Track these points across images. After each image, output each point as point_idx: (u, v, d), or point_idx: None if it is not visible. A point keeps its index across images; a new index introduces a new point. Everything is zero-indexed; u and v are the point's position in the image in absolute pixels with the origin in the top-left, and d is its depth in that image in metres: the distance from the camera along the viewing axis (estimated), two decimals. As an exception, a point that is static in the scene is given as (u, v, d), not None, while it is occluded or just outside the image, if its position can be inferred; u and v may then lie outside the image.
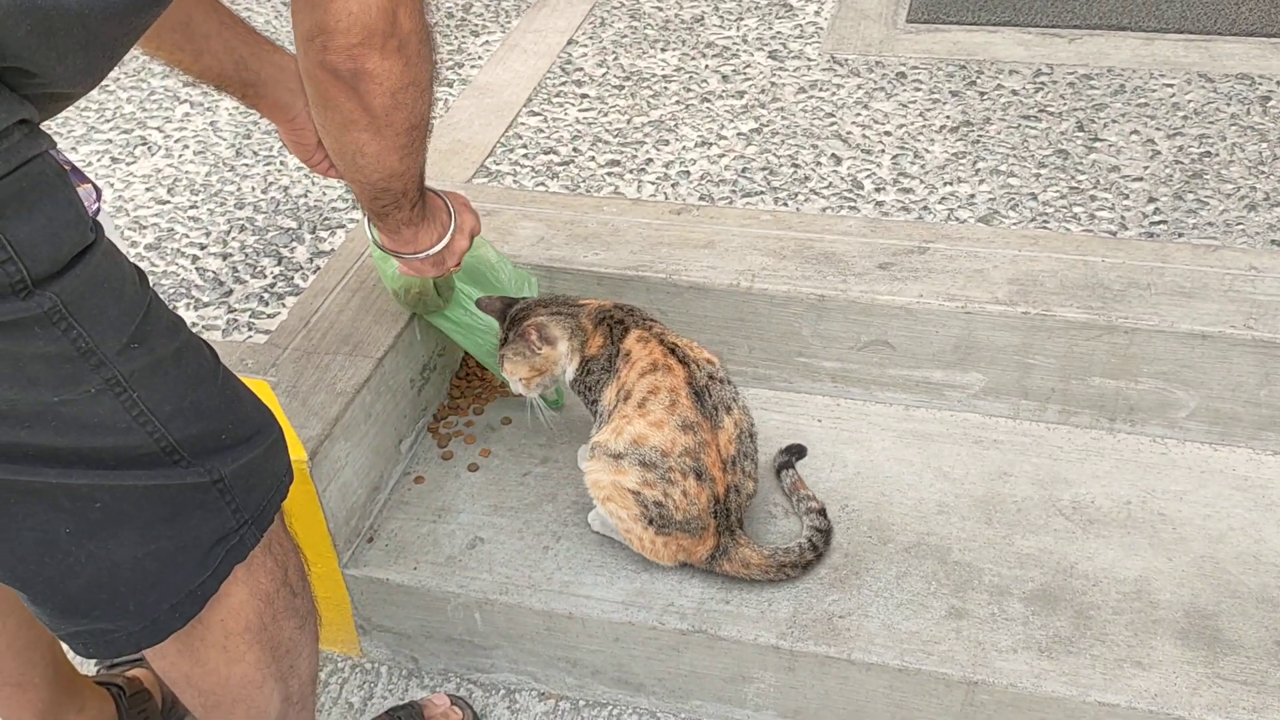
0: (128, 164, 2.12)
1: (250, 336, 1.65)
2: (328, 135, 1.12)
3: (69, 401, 0.90)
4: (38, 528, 0.94)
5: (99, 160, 2.13)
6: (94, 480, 0.94)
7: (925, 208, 1.82)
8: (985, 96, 2.11)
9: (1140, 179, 1.85)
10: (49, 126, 0.96)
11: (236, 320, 1.69)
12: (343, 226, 1.88)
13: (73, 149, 2.17)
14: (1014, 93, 2.12)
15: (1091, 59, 2.20)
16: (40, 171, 0.85)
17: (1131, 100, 2.06)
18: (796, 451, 1.63)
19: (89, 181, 1.02)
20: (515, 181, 1.97)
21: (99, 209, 1.00)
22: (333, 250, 1.82)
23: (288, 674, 1.18)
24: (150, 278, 1.77)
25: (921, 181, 1.89)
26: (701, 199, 1.89)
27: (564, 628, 1.50)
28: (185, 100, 2.32)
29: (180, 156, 2.13)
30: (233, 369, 1.56)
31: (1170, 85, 2.10)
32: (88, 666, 1.56)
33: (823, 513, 1.52)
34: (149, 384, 0.94)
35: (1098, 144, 1.95)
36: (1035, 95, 2.10)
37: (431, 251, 1.36)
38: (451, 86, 2.29)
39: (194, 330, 1.64)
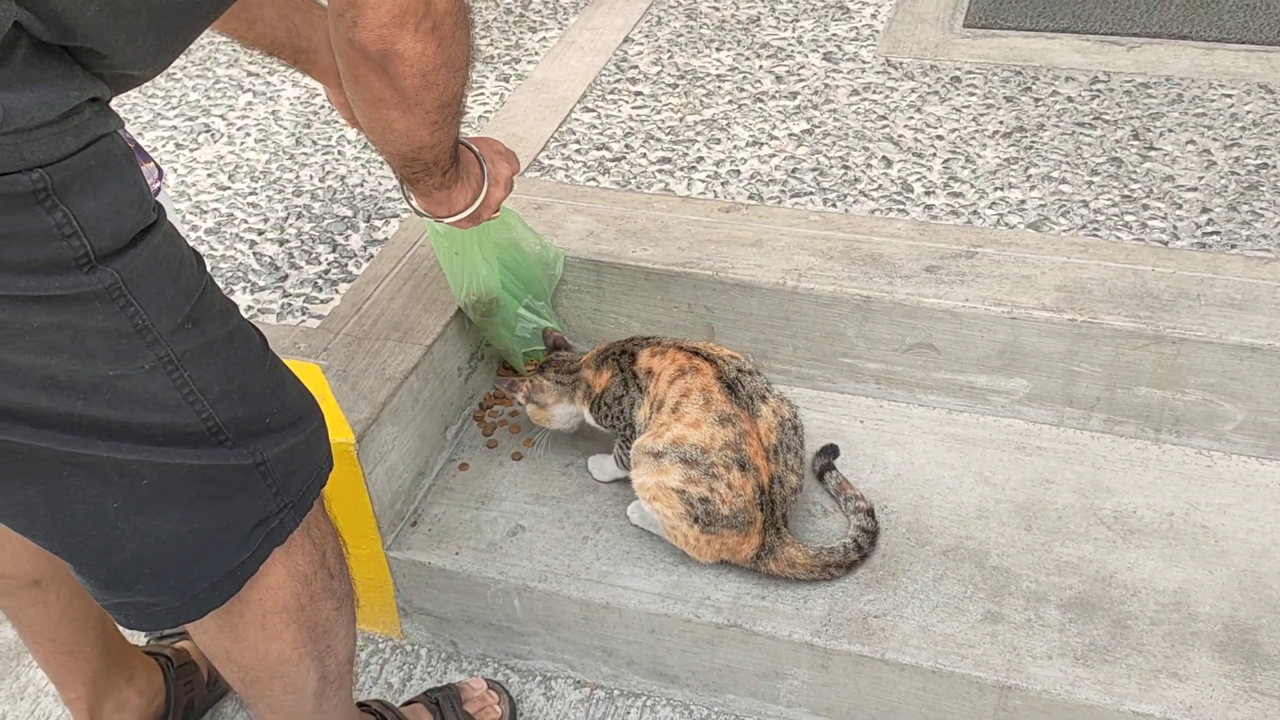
0: (191, 150, 2.17)
1: (304, 321, 1.69)
2: (358, 109, 1.12)
3: (123, 376, 0.92)
4: (88, 501, 0.97)
5: (164, 145, 2.18)
6: (142, 456, 0.97)
7: (975, 212, 1.82)
8: (1040, 103, 2.11)
9: (1195, 189, 1.83)
10: (117, 107, 0.99)
11: (291, 305, 1.72)
12: (396, 216, 1.92)
13: (139, 134, 2.23)
14: (1069, 99, 2.11)
15: (1150, 67, 2.18)
16: (108, 151, 0.88)
17: (1189, 110, 2.04)
18: (832, 452, 1.63)
19: (151, 161, 1.05)
20: (567, 176, 1.99)
21: (159, 188, 1.03)
22: (386, 239, 1.86)
23: (325, 653, 1.20)
24: (209, 261, 1.82)
25: (972, 186, 1.89)
26: (751, 198, 1.90)
27: (601, 617, 1.52)
28: (249, 90, 2.37)
29: (242, 144, 2.18)
30: (285, 353, 1.61)
31: (1229, 95, 2.08)
32: (137, 637, 1.61)
33: (871, 513, 1.52)
34: (200, 364, 0.97)
35: (1152, 153, 1.94)
36: (1091, 102, 2.09)
37: (467, 212, 1.36)
38: (508, 81, 2.32)
39: (248, 314, 1.69)
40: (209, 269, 1.79)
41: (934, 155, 1.98)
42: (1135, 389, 1.62)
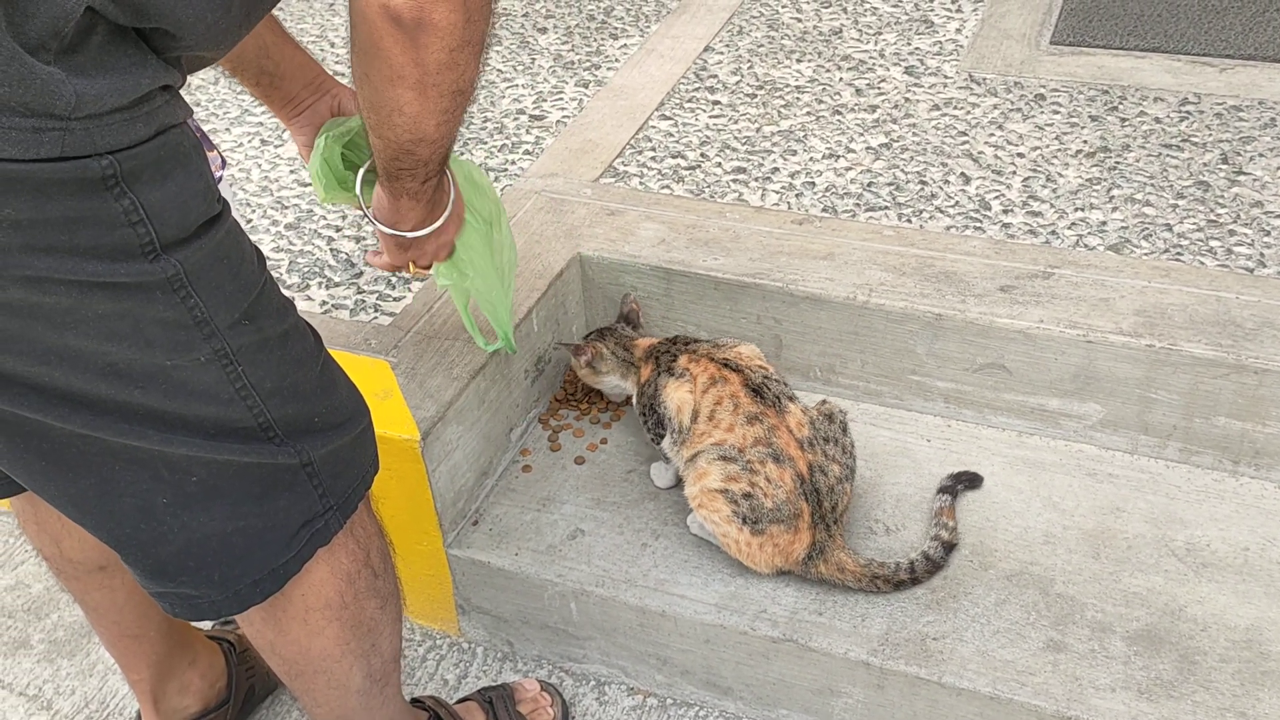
0: (275, 146, 2.21)
1: (375, 318, 1.71)
2: (367, 87, 1.03)
3: (179, 367, 0.94)
4: (138, 495, 0.99)
5: (249, 141, 2.23)
6: (193, 450, 0.98)
7: (1053, 232, 1.79)
8: (1126, 123, 2.06)
9: (1285, 216, 1.78)
10: (202, 100, 1.01)
11: (364, 301, 1.75)
12: (471, 218, 1.94)
13: (226, 129, 2.29)
14: (1157, 120, 2.06)
15: (1242, 90, 2.13)
16: (178, 142, 0.90)
17: (1282, 134, 1.99)
18: (968, 480, 1.61)
19: (215, 149, 1.08)
20: (641, 183, 2.00)
21: (221, 177, 1.05)
22: (460, 240, 1.88)
23: (369, 651, 1.21)
24: (287, 256, 1.86)
25: (1051, 205, 1.85)
26: (824, 211, 1.89)
27: (657, 625, 1.51)
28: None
29: (324, 142, 2.22)
30: (357, 349, 1.64)
31: (1326, 121, 2.02)
32: (202, 622, 1.64)
33: (946, 546, 1.50)
34: (254, 360, 0.98)
35: (1241, 177, 1.88)
36: (1179, 124, 2.04)
37: (412, 235, 1.27)
38: (587, 87, 2.34)
39: (322, 310, 1.72)
40: (287, 264, 1.83)
41: (1014, 173, 1.95)
42: (1214, 419, 1.58)
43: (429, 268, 1.38)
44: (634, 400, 1.65)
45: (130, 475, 0.98)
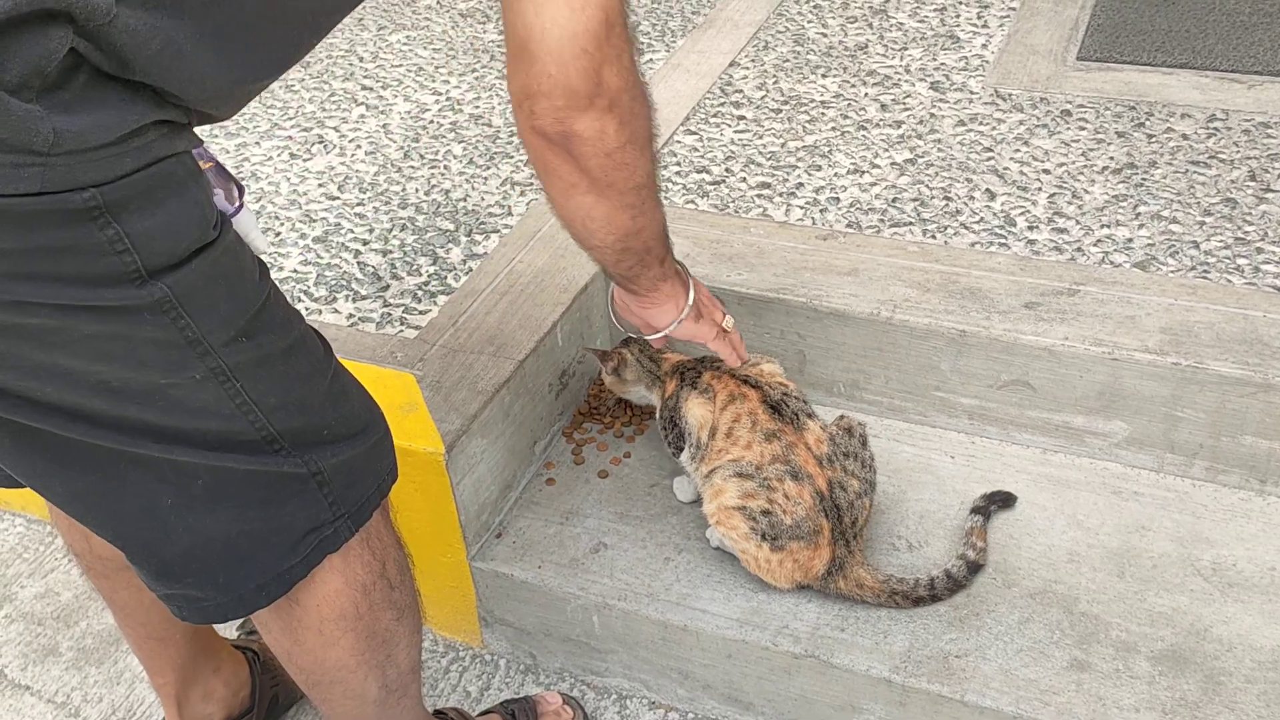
0: (304, 160, 2.24)
1: (402, 331, 1.73)
2: (553, 204, 1.12)
3: (175, 385, 0.94)
4: (143, 495, 1.00)
5: (279, 155, 2.26)
6: (196, 459, 0.98)
7: (1079, 249, 1.78)
8: (1153, 139, 2.05)
9: (1313, 234, 1.77)
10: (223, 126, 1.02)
11: (390, 314, 1.77)
12: (497, 231, 1.95)
13: (256, 143, 2.31)
14: (1184, 137, 2.05)
15: (1271, 106, 2.11)
16: (171, 171, 0.89)
17: (1311, 151, 1.98)
18: (1001, 499, 1.60)
19: (234, 182, 1.08)
20: (665, 198, 2.00)
21: (240, 207, 1.05)
22: (485, 254, 1.89)
23: (385, 662, 1.22)
24: (315, 269, 1.88)
25: (1077, 222, 1.85)
26: (849, 226, 1.89)
27: (678, 639, 1.52)
28: (362, 103, 2.44)
29: (353, 156, 2.24)
30: (383, 361, 1.65)
31: (1356, 138, 2.01)
32: (228, 630, 1.66)
33: (971, 566, 1.49)
34: (254, 376, 0.98)
35: (1269, 194, 1.87)
36: (1207, 141, 2.03)
37: (672, 326, 1.34)
38: (612, 102, 2.35)
39: (348, 322, 1.73)
40: (314, 277, 1.85)
41: (1039, 189, 1.94)
42: (1241, 438, 1.57)
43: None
44: (657, 413, 1.65)
45: (135, 475, 0.98)
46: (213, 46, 0.88)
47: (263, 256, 1.07)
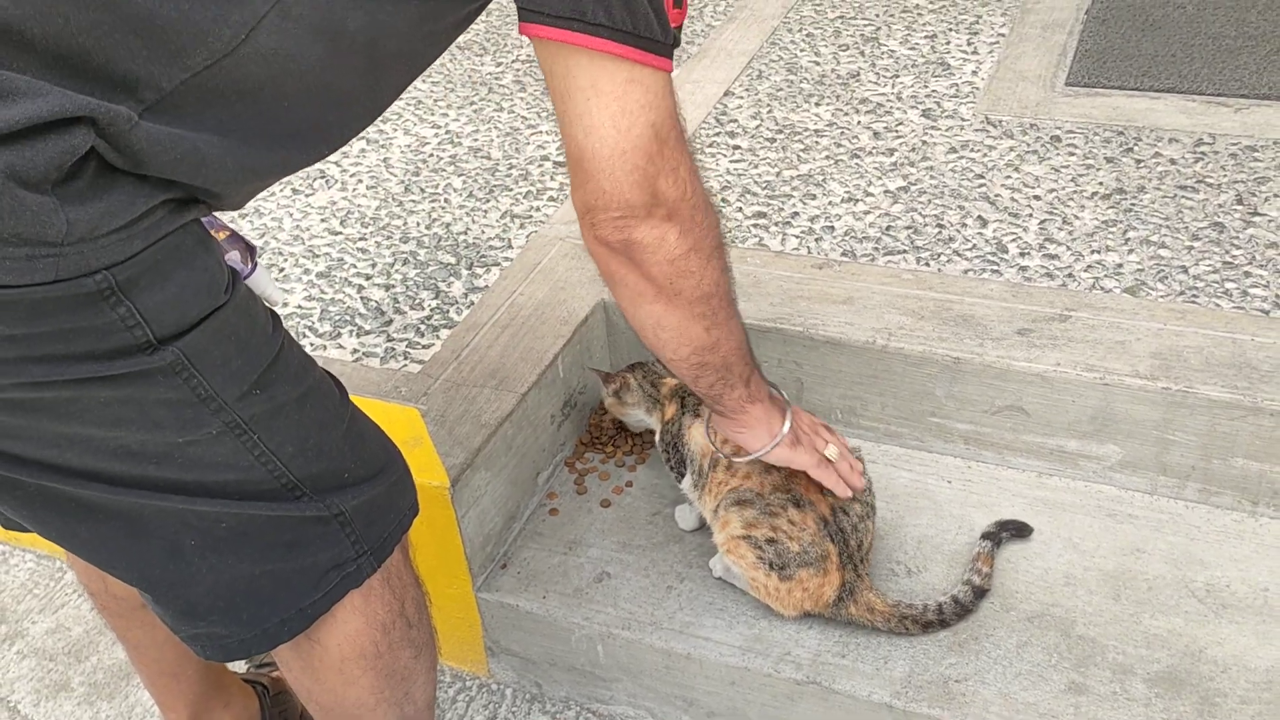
0: (307, 195, 2.27)
1: (405, 365, 1.76)
2: (627, 314, 1.15)
3: (193, 442, 0.96)
4: (166, 540, 1.01)
5: (282, 191, 2.29)
6: (219, 509, 1.00)
7: (1070, 275, 1.82)
8: (1142, 164, 2.09)
9: (1300, 257, 1.80)
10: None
11: (394, 349, 1.80)
12: (497, 264, 1.98)
13: (258, 179, 2.34)
14: (1172, 161, 2.09)
15: (1257, 130, 2.15)
16: (178, 243, 0.90)
17: (1297, 174, 2.01)
18: (1014, 528, 1.61)
19: (245, 244, 1.10)
20: (663, 229, 2.03)
21: (254, 268, 1.08)
22: (486, 287, 1.92)
23: (402, 699, 1.23)
24: (319, 305, 1.91)
25: (1068, 248, 1.88)
26: (844, 255, 1.92)
27: (682, 667, 1.54)
28: (363, 137, 2.48)
29: (354, 190, 2.27)
30: (387, 396, 1.68)
31: (1341, 160, 2.04)
32: (238, 664, 1.68)
33: (977, 591, 1.50)
34: (270, 427, 0.99)
35: (1256, 218, 1.91)
36: (1194, 165, 2.07)
37: (765, 450, 1.35)
38: (609, 133, 2.38)
39: (353, 357, 1.76)
40: (319, 312, 1.88)
41: (1030, 215, 1.98)
42: (1232, 460, 1.60)
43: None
44: (657, 437, 1.68)
45: (157, 524, 1.00)
46: (232, 152, 0.90)
47: (275, 308, 1.10)
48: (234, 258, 1.04)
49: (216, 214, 1.12)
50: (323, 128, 1.01)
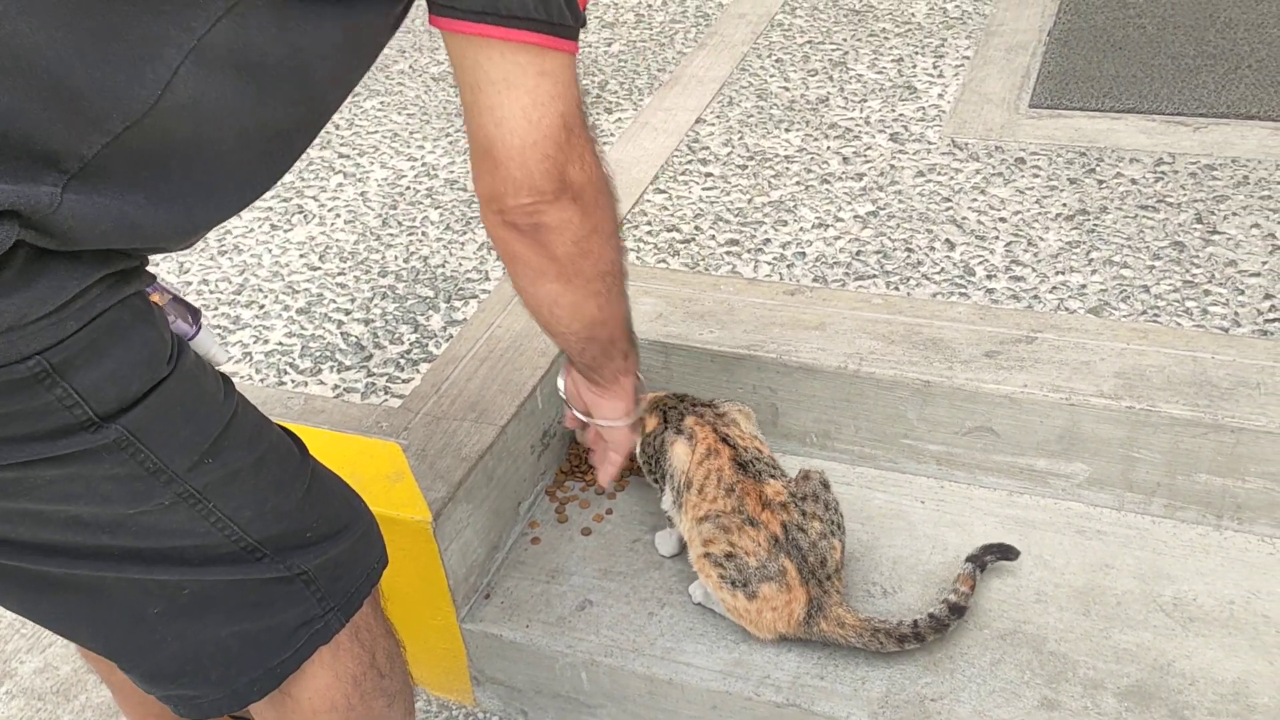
0: (285, 231, 2.30)
1: (386, 400, 1.78)
2: (523, 292, 1.17)
3: (144, 513, 0.95)
4: (129, 609, 1.01)
5: (260, 227, 2.32)
6: (179, 575, 1.00)
7: (1036, 296, 1.86)
8: (1104, 185, 2.14)
9: (1258, 274, 1.85)
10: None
11: (374, 384, 1.82)
12: (475, 297, 2.01)
13: (236, 216, 2.36)
14: (1133, 182, 2.14)
15: (1216, 148, 2.20)
16: (115, 320, 0.88)
17: (1255, 192, 2.06)
18: (999, 551, 1.60)
19: (188, 307, 1.10)
20: (638, 258, 2.07)
21: (198, 329, 1.08)
22: (465, 319, 1.95)
23: None
24: (299, 341, 1.93)
25: (1034, 270, 1.92)
26: (815, 280, 1.96)
27: (665, 692, 1.57)
28: (340, 171, 2.51)
29: (332, 225, 2.30)
30: (369, 431, 1.70)
31: (1297, 177, 2.09)
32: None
33: (954, 608, 1.51)
34: (225, 494, 0.99)
35: (1216, 236, 1.96)
36: (1155, 185, 2.12)
37: (630, 418, 1.44)
38: (583, 163, 2.42)
39: (334, 394, 1.78)
40: (299, 349, 1.90)
41: (996, 238, 2.02)
42: (1195, 476, 1.64)
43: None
44: (637, 450, 1.71)
45: (119, 593, 0.99)
46: (166, 208, 0.89)
47: (224, 368, 1.10)
48: (179, 326, 1.05)
49: (160, 279, 1.13)
50: (272, 158, 1.00)
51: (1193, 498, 1.66)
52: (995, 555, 1.61)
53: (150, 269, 0.97)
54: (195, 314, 1.10)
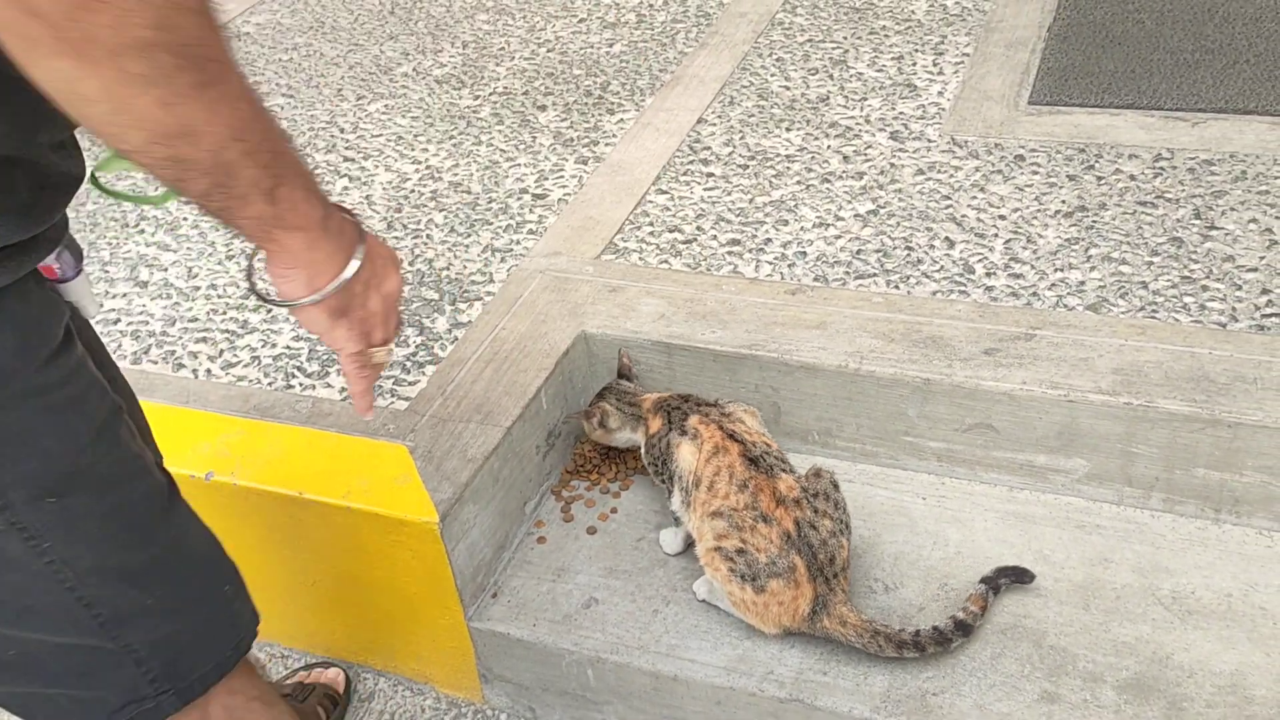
0: (291, 235, 2.32)
1: (393, 403, 1.80)
2: (33, 79, 0.73)
3: None
4: None
5: (266, 231, 2.34)
6: (5, 631, 0.95)
7: (1035, 294, 1.87)
8: (1102, 181, 2.15)
9: (1255, 269, 1.86)
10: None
11: (381, 387, 1.84)
12: (479, 299, 2.03)
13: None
14: (1132, 178, 2.15)
15: (1214, 144, 2.22)
16: None
17: (1252, 187, 2.07)
18: (1014, 574, 1.59)
19: (75, 249, 0.99)
20: (640, 259, 2.09)
21: (77, 274, 0.97)
22: (469, 322, 1.97)
23: None
24: (307, 345, 1.95)
25: (1032, 267, 1.94)
26: (816, 280, 1.98)
27: (670, 689, 1.59)
28: (345, 175, 2.53)
29: (337, 228, 2.32)
30: (376, 434, 1.72)
31: (1295, 171, 2.10)
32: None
33: (961, 626, 1.50)
34: (65, 538, 0.92)
35: (1214, 232, 1.97)
36: (1153, 180, 2.13)
37: (334, 284, 0.93)
38: (586, 164, 2.44)
39: (342, 397, 1.80)
40: (306, 352, 1.91)
41: (996, 235, 2.04)
42: (1193, 470, 1.65)
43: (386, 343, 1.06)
44: (643, 451, 1.73)
45: None
46: None
47: (90, 319, 1.04)
48: (62, 267, 0.99)
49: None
50: None
51: (1191, 492, 1.68)
52: (1010, 578, 1.59)
53: (158, 270, 0.96)
54: (79, 256, 1.03)
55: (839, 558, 1.54)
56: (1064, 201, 2.11)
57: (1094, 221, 2.04)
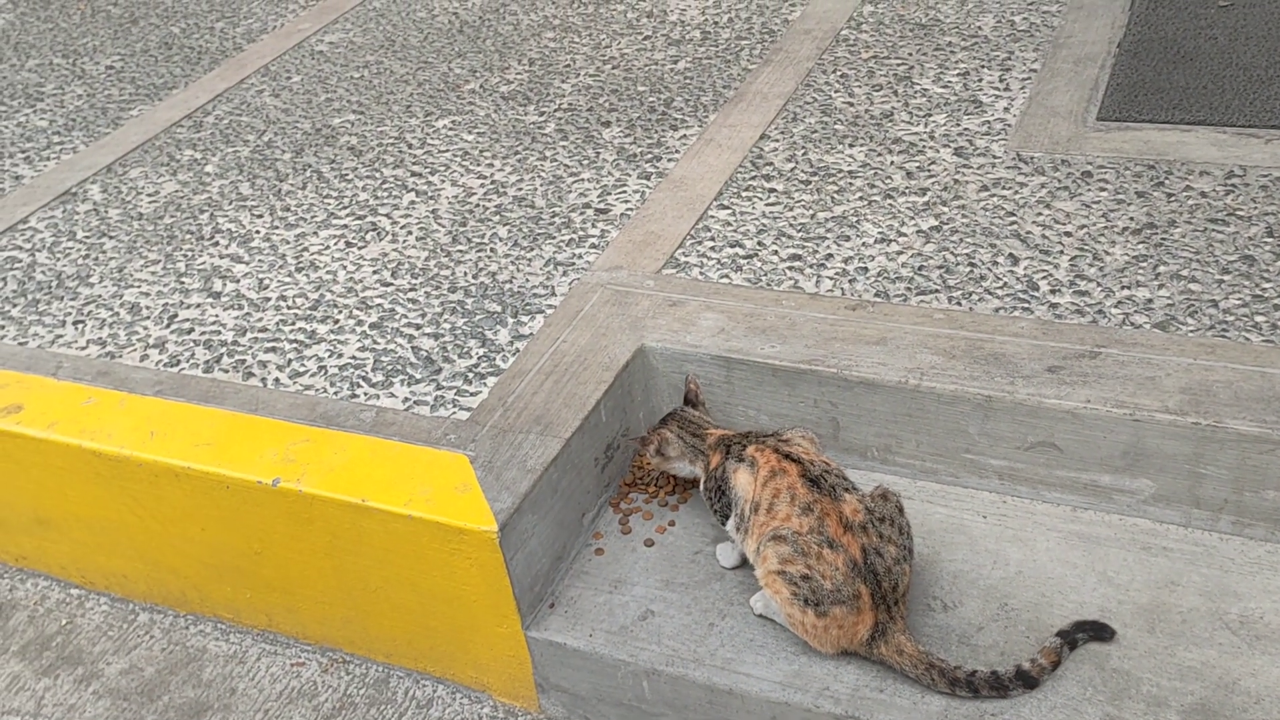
0: (359, 248, 2.36)
1: (454, 413, 1.83)
2: None
3: None
4: None
5: (335, 244, 2.39)
6: None
7: (1100, 311, 1.85)
8: (1173, 198, 2.12)
9: (1330, 288, 1.83)
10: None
11: (444, 397, 1.87)
12: (541, 312, 2.06)
13: (314, 233, 2.44)
14: (1203, 195, 2.11)
15: (1288, 160, 2.17)
16: None
17: (1328, 205, 2.03)
18: (1093, 629, 1.54)
19: None
20: (701, 273, 2.10)
21: None
22: (531, 334, 2.00)
23: None
24: (372, 355, 1.99)
25: (1099, 284, 1.92)
26: (877, 295, 1.97)
27: (724, 702, 1.59)
28: (412, 189, 2.57)
29: (404, 242, 2.36)
30: (438, 443, 1.75)
31: (1373, 189, 2.06)
32: None
33: (1023, 676, 1.47)
34: None
35: (1287, 250, 1.93)
36: (1225, 198, 2.10)
37: None
38: (649, 180, 2.46)
39: (404, 406, 1.83)
40: (371, 363, 1.95)
41: (1061, 252, 2.01)
42: (1264, 492, 1.62)
43: None
44: (701, 484, 1.74)
45: None
46: None
47: None
48: None
49: None
50: None
51: (1261, 514, 1.64)
52: (1088, 634, 1.54)
53: (231, 281, 0.93)
54: None
55: (901, 584, 1.52)
56: (1132, 218, 2.08)
57: (1163, 239, 2.01)
